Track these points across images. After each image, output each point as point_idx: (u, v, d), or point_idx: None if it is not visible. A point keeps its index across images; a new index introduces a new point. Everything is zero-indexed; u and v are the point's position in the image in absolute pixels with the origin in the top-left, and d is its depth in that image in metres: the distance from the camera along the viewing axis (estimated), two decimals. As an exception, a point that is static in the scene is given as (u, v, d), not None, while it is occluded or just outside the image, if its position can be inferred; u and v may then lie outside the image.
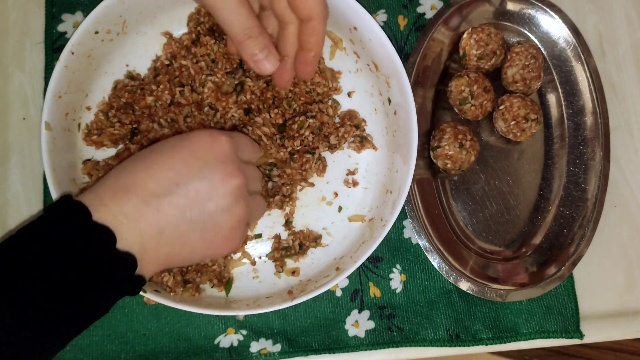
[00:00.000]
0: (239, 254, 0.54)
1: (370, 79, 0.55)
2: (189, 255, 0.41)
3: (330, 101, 0.56)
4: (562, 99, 0.59)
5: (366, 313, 0.55)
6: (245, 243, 0.54)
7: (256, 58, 0.45)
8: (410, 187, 0.50)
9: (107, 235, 0.36)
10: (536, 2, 0.58)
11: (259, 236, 0.55)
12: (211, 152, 0.41)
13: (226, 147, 0.42)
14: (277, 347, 0.54)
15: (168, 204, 0.38)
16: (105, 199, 0.37)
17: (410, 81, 0.50)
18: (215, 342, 0.54)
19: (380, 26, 0.49)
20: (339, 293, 0.56)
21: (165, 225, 0.38)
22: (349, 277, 0.56)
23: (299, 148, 0.53)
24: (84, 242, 0.35)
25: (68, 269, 0.35)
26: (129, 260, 0.37)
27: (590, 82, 0.58)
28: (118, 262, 0.37)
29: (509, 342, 0.55)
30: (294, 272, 0.54)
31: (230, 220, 0.41)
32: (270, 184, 0.54)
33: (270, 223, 0.55)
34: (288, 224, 0.55)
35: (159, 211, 0.38)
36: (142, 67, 0.55)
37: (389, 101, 0.53)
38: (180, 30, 0.56)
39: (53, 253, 0.35)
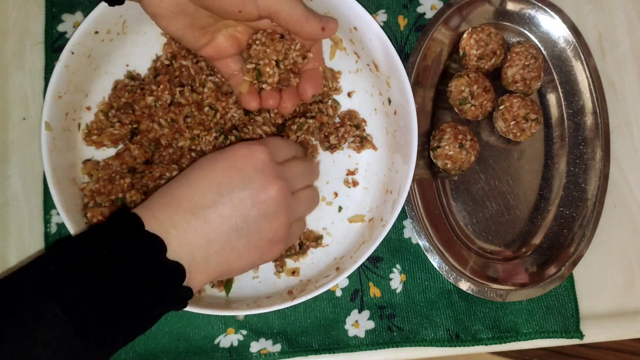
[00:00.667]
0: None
1: (370, 79, 0.55)
2: (237, 262, 0.43)
3: (330, 101, 0.56)
4: (562, 99, 0.59)
5: (366, 313, 0.55)
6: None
7: (320, 27, 0.48)
8: (410, 187, 0.50)
9: (158, 244, 0.38)
10: (536, 2, 0.58)
11: (259, 236, 0.55)
12: (250, 162, 0.42)
13: (263, 156, 0.43)
14: (277, 347, 0.54)
15: (214, 213, 0.40)
16: (155, 212, 0.39)
17: (410, 81, 0.50)
18: (215, 342, 0.54)
19: (380, 26, 0.49)
20: (339, 293, 0.56)
21: (212, 236, 0.40)
22: (349, 277, 0.56)
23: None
24: (137, 250, 0.37)
25: (121, 277, 0.36)
26: (179, 269, 0.38)
27: (590, 82, 0.58)
28: (168, 272, 0.38)
29: (509, 342, 0.55)
30: (294, 272, 0.54)
31: (273, 225, 0.43)
32: None
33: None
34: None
35: (207, 222, 0.40)
36: (142, 67, 0.55)
37: (389, 101, 0.53)
38: (180, 30, 0.56)
39: (109, 261, 0.36)
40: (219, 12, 0.45)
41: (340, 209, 0.55)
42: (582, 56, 0.58)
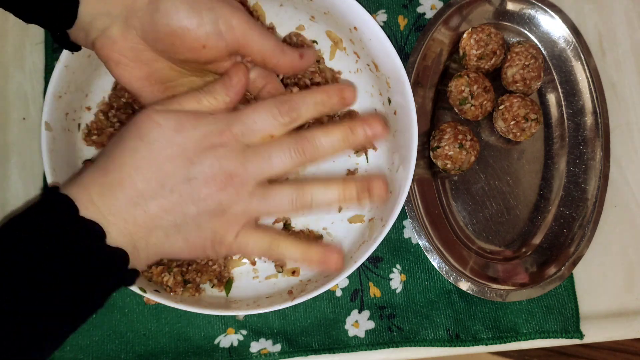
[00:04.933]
0: (239, 255, 0.54)
1: (370, 79, 0.55)
2: (180, 253, 0.40)
3: (330, 101, 0.56)
4: (562, 99, 0.59)
5: (366, 313, 0.55)
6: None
7: (298, 57, 0.43)
8: (410, 187, 0.50)
9: (96, 231, 0.35)
10: (536, 2, 0.58)
11: (259, 236, 0.55)
12: (205, 154, 0.36)
13: (222, 150, 0.37)
14: (277, 347, 0.54)
15: (155, 206, 0.36)
16: (94, 196, 0.36)
17: (410, 81, 0.50)
18: (215, 342, 0.54)
19: (380, 26, 0.49)
20: (339, 293, 0.56)
21: (152, 227, 0.37)
22: (349, 277, 0.56)
23: None
24: (74, 237, 0.35)
25: (60, 265, 0.34)
26: (121, 255, 0.36)
27: (590, 82, 0.58)
28: (110, 257, 0.36)
29: (509, 342, 0.55)
30: (294, 272, 0.54)
31: (213, 225, 0.38)
32: None
33: (270, 223, 0.55)
34: (287, 226, 0.55)
35: (147, 213, 0.36)
36: (142, 67, 0.55)
37: (389, 101, 0.53)
38: (180, 30, 0.56)
39: (43, 250, 0.34)
40: (181, 52, 0.39)
41: (340, 209, 0.55)
42: (582, 56, 0.58)
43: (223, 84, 0.39)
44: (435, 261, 0.54)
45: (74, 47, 0.43)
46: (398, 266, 0.56)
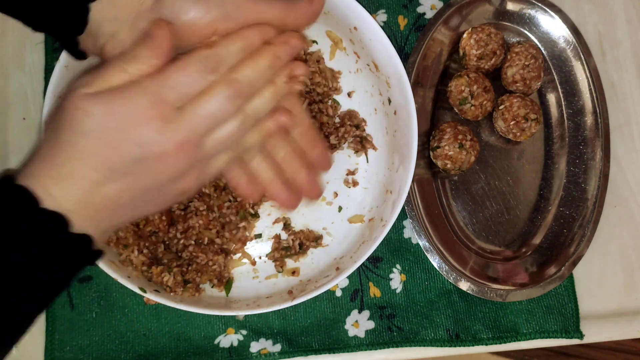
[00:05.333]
0: (239, 254, 0.54)
1: (370, 79, 0.55)
2: (146, 214, 0.39)
3: (330, 101, 0.56)
4: (562, 99, 0.59)
5: (366, 313, 0.55)
6: (245, 243, 0.54)
7: (306, 4, 0.42)
8: (410, 187, 0.50)
9: (58, 221, 0.35)
10: (536, 2, 0.58)
11: (259, 236, 0.55)
12: (141, 130, 0.35)
13: (157, 122, 0.35)
14: (277, 347, 0.54)
15: (111, 189, 0.36)
16: (50, 188, 0.35)
17: (410, 81, 0.50)
18: (215, 342, 0.54)
19: (380, 26, 0.49)
20: (339, 293, 0.56)
21: (114, 207, 0.37)
22: (349, 277, 0.56)
23: None
24: (37, 229, 0.34)
25: (25, 256, 0.34)
26: (85, 239, 0.36)
27: (590, 82, 0.58)
28: (74, 244, 0.36)
29: (509, 342, 0.55)
30: (294, 272, 0.54)
31: (178, 185, 0.37)
32: None
33: (270, 223, 0.55)
34: (287, 226, 0.55)
35: (105, 197, 0.36)
36: (142, 67, 0.55)
37: (389, 101, 0.53)
38: (180, 30, 0.56)
39: (6, 241, 0.34)
40: (193, 43, 0.38)
41: (340, 209, 0.55)
42: (582, 56, 0.58)
43: (146, 45, 0.36)
44: (435, 261, 0.54)
45: (82, 55, 0.42)
46: (398, 266, 0.56)
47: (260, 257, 0.54)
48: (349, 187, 0.56)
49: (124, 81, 0.36)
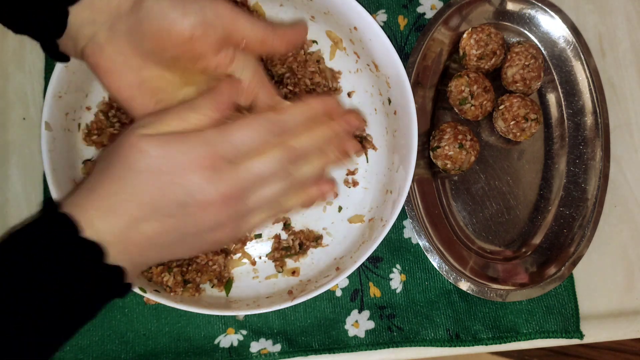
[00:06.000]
0: (239, 254, 0.54)
1: (370, 79, 0.55)
2: (178, 257, 0.41)
3: (330, 101, 0.56)
4: (562, 99, 0.59)
5: (366, 313, 0.55)
6: (245, 243, 0.54)
7: (288, 31, 0.42)
8: (410, 187, 0.50)
9: (96, 251, 0.36)
10: (536, 2, 0.58)
11: (259, 236, 0.55)
12: (188, 171, 0.36)
13: (208, 172, 0.36)
14: (277, 347, 0.54)
15: (151, 228, 0.37)
16: (94, 219, 0.36)
17: (410, 81, 0.50)
18: (215, 342, 0.54)
19: (380, 26, 0.49)
20: (339, 293, 0.56)
21: (151, 245, 0.37)
22: (349, 277, 0.56)
23: None
24: (74, 256, 0.35)
25: (58, 282, 0.35)
26: (119, 271, 0.37)
27: (590, 82, 0.58)
28: (107, 274, 0.37)
29: (509, 342, 0.55)
30: (294, 272, 0.54)
31: (215, 236, 0.38)
32: None
33: (270, 223, 0.55)
34: (287, 226, 0.55)
35: (143, 235, 0.37)
36: (142, 67, 0.55)
37: (389, 101, 0.53)
38: (180, 30, 0.56)
39: (43, 267, 0.34)
40: (169, 48, 0.39)
41: (340, 209, 0.55)
42: (582, 56, 0.58)
43: (211, 99, 0.38)
44: (435, 261, 0.54)
45: (63, 58, 0.43)
46: (398, 266, 0.56)
47: (260, 257, 0.54)
48: (349, 187, 0.56)
49: (182, 128, 0.37)
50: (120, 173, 0.36)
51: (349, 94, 0.57)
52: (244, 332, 0.54)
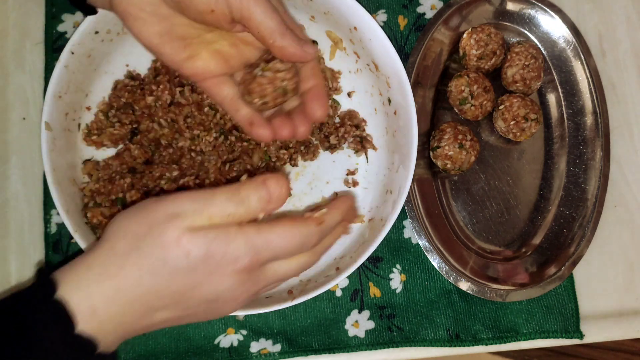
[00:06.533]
0: None
1: (370, 79, 0.55)
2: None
3: (330, 101, 0.56)
4: (562, 99, 0.59)
5: (366, 313, 0.55)
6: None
7: (300, 44, 0.42)
8: (410, 187, 0.50)
9: (88, 345, 0.34)
10: (536, 2, 0.58)
11: (259, 236, 0.55)
12: (224, 271, 0.35)
13: (239, 276, 0.36)
14: (277, 347, 0.54)
15: (162, 317, 0.37)
16: (98, 305, 0.34)
17: (410, 81, 0.50)
18: (215, 342, 0.54)
19: (380, 26, 0.49)
20: (339, 293, 0.56)
21: (153, 328, 0.37)
22: (349, 277, 0.56)
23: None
24: (63, 353, 0.33)
25: None
26: (109, 356, 0.36)
27: (590, 82, 0.58)
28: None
29: (509, 342, 0.55)
30: (294, 272, 0.54)
31: (226, 309, 0.39)
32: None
33: (270, 223, 0.55)
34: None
35: (152, 322, 0.37)
36: (142, 67, 0.55)
37: (389, 101, 0.53)
38: (180, 30, 0.56)
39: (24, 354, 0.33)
40: (192, 13, 0.40)
41: (340, 209, 0.55)
42: (582, 56, 0.58)
43: (260, 197, 0.36)
44: (435, 261, 0.54)
45: (91, 10, 0.43)
46: (398, 266, 0.56)
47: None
48: (349, 187, 0.56)
49: (225, 222, 0.36)
50: (153, 264, 0.35)
51: (349, 94, 0.57)
52: (244, 332, 0.54)
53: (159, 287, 0.35)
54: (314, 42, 0.56)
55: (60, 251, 0.55)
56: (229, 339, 0.54)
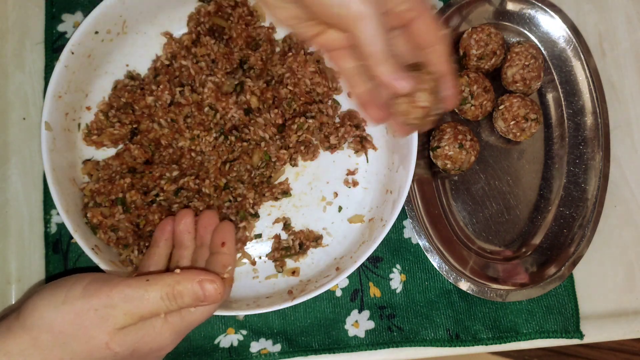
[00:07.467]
0: (239, 254, 0.54)
1: (370, 79, 0.55)
2: None
3: (330, 101, 0.56)
4: (562, 99, 0.59)
5: (366, 313, 0.55)
6: (245, 243, 0.54)
7: (395, 76, 0.42)
8: (410, 187, 0.50)
9: None
10: (536, 2, 0.58)
11: (259, 236, 0.55)
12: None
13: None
14: (277, 347, 0.54)
15: None
16: None
17: (410, 81, 0.50)
18: (215, 342, 0.54)
19: (380, 26, 0.49)
20: (339, 293, 0.56)
21: None
22: (349, 277, 0.56)
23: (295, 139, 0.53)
24: None
25: None
26: None
27: (590, 82, 0.58)
28: None
29: (509, 342, 0.55)
30: (294, 272, 0.54)
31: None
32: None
33: (270, 223, 0.55)
34: (287, 226, 0.55)
35: None
36: (142, 67, 0.55)
37: (389, 101, 0.53)
38: (180, 30, 0.56)
39: None
40: (313, 16, 0.42)
41: (340, 209, 0.55)
42: (582, 56, 0.58)
43: (195, 296, 0.41)
44: (435, 261, 0.54)
45: None
46: (398, 266, 0.56)
47: (260, 257, 0.54)
48: (349, 187, 0.56)
49: (153, 314, 0.40)
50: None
51: (349, 94, 0.57)
52: (244, 332, 0.54)
53: None
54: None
55: (60, 251, 0.55)
56: (229, 339, 0.54)
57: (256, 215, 0.54)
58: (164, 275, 0.40)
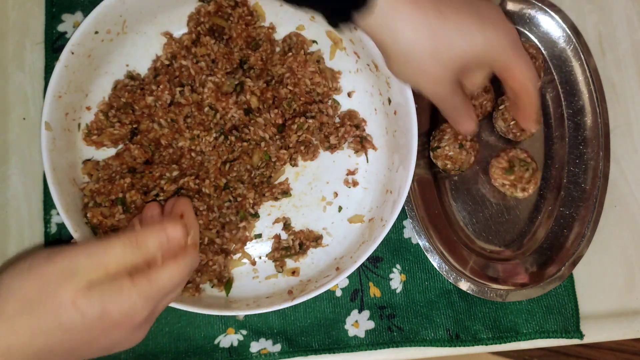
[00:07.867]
0: (239, 254, 0.54)
1: (370, 79, 0.55)
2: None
3: (330, 101, 0.56)
4: (562, 99, 0.59)
5: (366, 313, 0.55)
6: (245, 243, 0.54)
7: (465, 126, 0.49)
8: (410, 187, 0.50)
9: None
10: (536, 2, 0.58)
11: (259, 236, 0.55)
12: (121, 326, 0.40)
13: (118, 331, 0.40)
14: (277, 347, 0.54)
15: None
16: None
17: (410, 81, 0.50)
18: (215, 342, 0.54)
19: (380, 26, 0.49)
20: (339, 293, 0.56)
21: None
22: (349, 277, 0.56)
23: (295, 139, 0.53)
24: None
25: None
26: None
27: (590, 82, 0.58)
28: None
29: (509, 342, 0.55)
30: (294, 272, 0.54)
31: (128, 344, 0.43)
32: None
33: (270, 223, 0.55)
34: (287, 226, 0.55)
35: None
36: (142, 67, 0.55)
37: (389, 101, 0.53)
38: (180, 30, 0.56)
39: None
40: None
41: (340, 209, 0.55)
42: (582, 56, 0.58)
43: (160, 241, 0.40)
44: (435, 261, 0.54)
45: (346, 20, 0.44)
46: (398, 266, 0.56)
47: (260, 257, 0.54)
48: (349, 187, 0.56)
49: (123, 269, 0.38)
50: (47, 328, 0.37)
51: (349, 94, 0.57)
52: (244, 332, 0.54)
53: (52, 345, 0.37)
54: (314, 42, 0.56)
55: (60, 251, 0.55)
56: (229, 339, 0.54)
57: (256, 215, 0.54)
58: (127, 229, 0.40)
